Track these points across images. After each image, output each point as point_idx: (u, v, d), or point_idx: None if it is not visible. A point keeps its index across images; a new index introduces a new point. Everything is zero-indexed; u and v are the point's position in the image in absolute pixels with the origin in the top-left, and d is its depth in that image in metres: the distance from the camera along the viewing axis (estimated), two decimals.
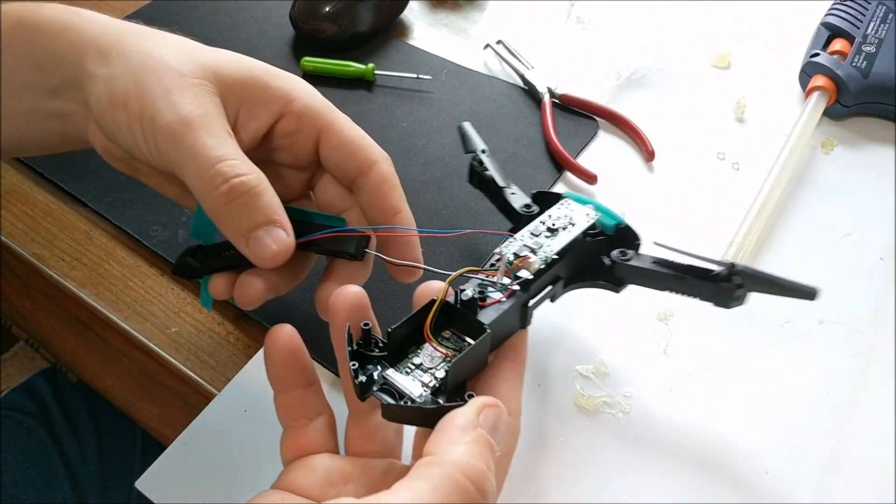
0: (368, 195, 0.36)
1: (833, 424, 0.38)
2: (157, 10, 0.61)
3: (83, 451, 0.55)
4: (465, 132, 0.45)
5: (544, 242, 0.35)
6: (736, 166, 0.50)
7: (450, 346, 0.31)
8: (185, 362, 0.41)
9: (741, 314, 0.42)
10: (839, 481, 0.36)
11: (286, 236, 0.32)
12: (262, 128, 0.35)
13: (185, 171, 0.32)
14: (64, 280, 0.44)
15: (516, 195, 0.40)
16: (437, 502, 0.24)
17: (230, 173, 0.32)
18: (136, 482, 0.36)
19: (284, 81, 0.36)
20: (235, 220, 0.32)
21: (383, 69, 0.56)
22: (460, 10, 0.63)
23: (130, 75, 0.33)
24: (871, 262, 0.44)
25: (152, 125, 0.32)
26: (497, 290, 0.33)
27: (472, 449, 0.26)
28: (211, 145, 0.32)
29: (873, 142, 0.52)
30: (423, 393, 0.29)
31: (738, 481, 0.36)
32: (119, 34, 0.34)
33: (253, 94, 0.35)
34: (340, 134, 0.36)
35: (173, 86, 0.33)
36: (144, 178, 0.37)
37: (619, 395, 0.39)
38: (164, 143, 0.32)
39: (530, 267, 0.34)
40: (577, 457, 0.36)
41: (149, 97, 0.32)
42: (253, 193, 0.32)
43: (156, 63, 0.33)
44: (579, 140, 0.52)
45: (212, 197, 0.32)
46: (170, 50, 0.34)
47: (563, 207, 0.37)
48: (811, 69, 0.53)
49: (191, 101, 0.33)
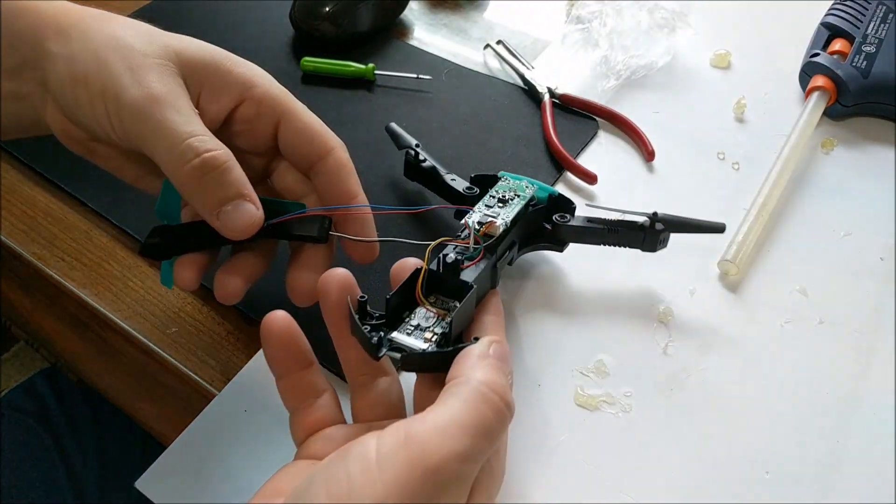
0: (326, 180, 0.37)
1: (833, 424, 0.38)
2: (157, 10, 0.61)
3: (83, 450, 0.55)
4: (395, 131, 0.48)
5: (500, 211, 0.39)
6: (736, 166, 0.50)
7: (439, 307, 0.34)
8: (185, 362, 0.41)
9: (741, 314, 0.42)
10: (839, 481, 0.36)
11: (256, 210, 0.34)
12: (223, 111, 0.36)
13: (154, 146, 0.33)
14: (64, 280, 0.44)
15: (457, 181, 0.44)
16: (470, 414, 0.26)
17: (201, 148, 0.33)
18: (136, 482, 0.36)
19: (246, 68, 0.37)
20: (207, 193, 0.33)
21: (383, 69, 0.56)
22: (460, 10, 0.63)
23: (91, 53, 0.33)
24: (871, 262, 0.44)
25: (116, 102, 0.33)
26: (470, 255, 0.37)
27: (492, 368, 0.28)
28: (179, 121, 0.33)
29: (873, 142, 0.52)
30: (429, 346, 0.32)
31: (738, 481, 0.36)
32: (79, 16, 0.35)
33: (215, 77, 0.36)
34: (299, 121, 0.37)
35: (137, 64, 0.33)
36: (101, 160, 0.38)
37: (619, 395, 0.39)
38: (129, 120, 0.33)
39: (495, 231, 0.38)
40: (577, 457, 0.36)
41: (112, 75, 0.33)
42: (223, 169, 0.33)
43: (117, 43, 0.34)
44: (579, 140, 0.52)
45: (183, 171, 0.32)
46: (131, 31, 0.35)
47: (505, 182, 0.42)
48: (811, 69, 0.53)
49: (156, 80, 0.33)
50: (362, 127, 0.52)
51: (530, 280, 0.44)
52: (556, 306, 0.43)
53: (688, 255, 0.44)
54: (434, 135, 0.52)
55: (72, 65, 0.33)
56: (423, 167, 0.46)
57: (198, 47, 0.36)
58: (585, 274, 0.44)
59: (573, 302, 0.43)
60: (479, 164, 0.50)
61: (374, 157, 0.50)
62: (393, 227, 0.46)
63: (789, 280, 0.44)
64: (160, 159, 0.33)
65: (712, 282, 0.44)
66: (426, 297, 0.35)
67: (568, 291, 0.43)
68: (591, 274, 0.44)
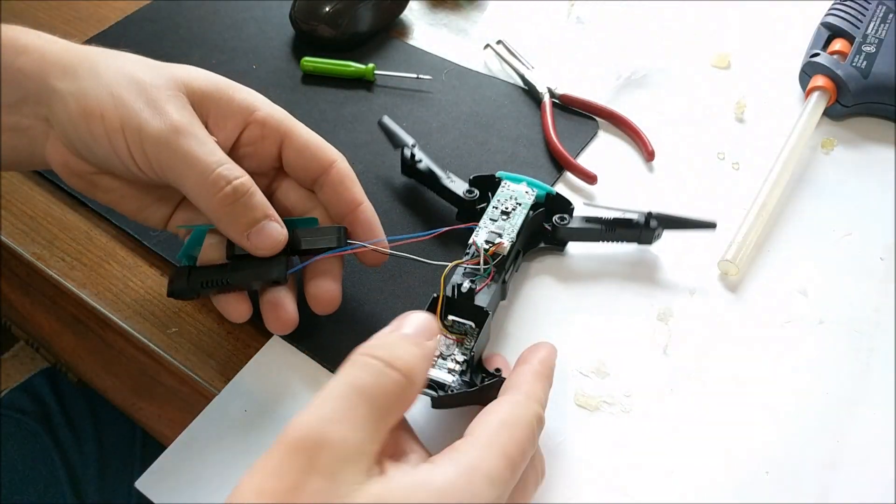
0: (331, 190, 0.39)
1: (833, 424, 0.38)
2: (157, 10, 0.61)
3: (83, 450, 0.55)
4: (389, 128, 0.48)
5: (504, 225, 0.41)
6: (736, 166, 0.50)
7: (457, 332, 0.37)
8: (185, 362, 0.41)
9: (741, 315, 0.42)
10: (839, 481, 0.36)
11: (281, 228, 0.36)
12: (231, 136, 0.38)
13: (184, 176, 0.35)
14: (64, 280, 0.44)
15: (455, 182, 0.45)
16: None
17: (230, 176, 0.35)
18: (136, 482, 0.36)
19: (246, 93, 0.39)
20: (237, 217, 0.35)
21: (383, 69, 0.56)
22: (460, 10, 0.63)
23: (104, 89, 0.35)
24: (871, 262, 0.44)
25: (138, 135, 0.34)
26: (482, 276, 0.38)
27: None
28: (206, 151, 0.35)
29: (873, 142, 0.52)
30: (454, 378, 0.35)
31: (738, 481, 0.36)
32: (84, 53, 0.36)
33: (220, 104, 0.37)
34: (301, 138, 0.39)
35: (153, 97, 0.35)
36: (102, 192, 0.39)
37: (619, 395, 0.39)
38: (154, 151, 0.34)
39: (503, 251, 0.39)
40: (577, 457, 0.36)
41: (130, 108, 0.34)
42: (250, 194, 0.35)
43: (127, 78, 0.35)
44: (579, 140, 0.52)
45: (216, 199, 0.35)
46: (138, 66, 0.37)
47: (506, 189, 0.43)
48: (811, 69, 0.53)
49: (174, 111, 0.35)
50: (362, 127, 0.52)
51: (530, 280, 0.44)
52: (556, 306, 0.43)
53: (688, 256, 0.44)
54: (434, 134, 0.52)
55: (84, 100, 0.34)
56: (419, 168, 0.46)
57: (202, 77, 0.38)
58: (585, 274, 0.44)
59: (573, 302, 0.43)
60: (479, 164, 0.50)
61: (373, 156, 0.50)
62: (398, 230, 0.46)
63: (789, 280, 0.44)
64: (190, 188, 0.35)
65: (712, 282, 0.44)
66: (444, 318, 0.37)
67: (568, 291, 0.43)
68: (590, 274, 0.44)
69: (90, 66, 0.35)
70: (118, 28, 0.60)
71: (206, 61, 0.57)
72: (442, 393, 0.34)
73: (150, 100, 0.35)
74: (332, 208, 0.40)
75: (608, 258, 0.45)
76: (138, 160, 0.35)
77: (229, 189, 0.34)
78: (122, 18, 0.61)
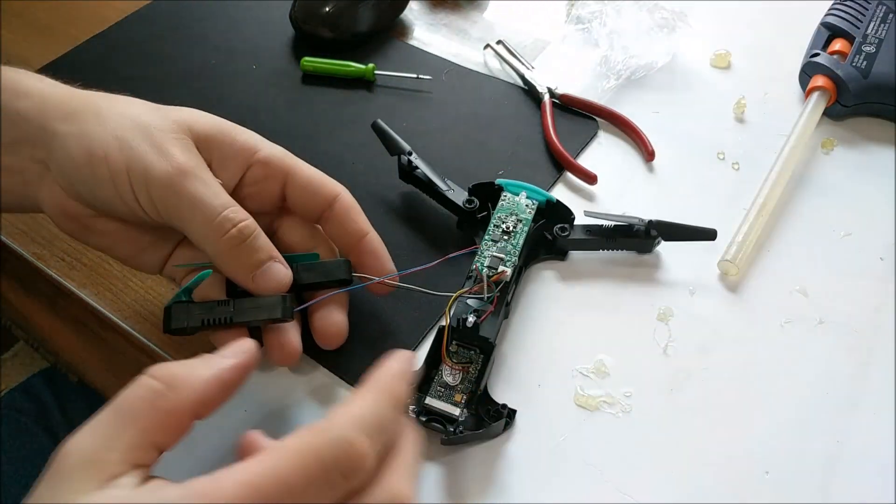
0: (336, 224, 0.39)
1: (833, 424, 0.38)
2: (158, 10, 0.61)
3: None
4: (384, 131, 0.47)
5: (506, 246, 0.41)
6: (736, 166, 0.50)
7: (462, 360, 0.38)
8: None
9: (741, 314, 0.42)
10: (839, 481, 0.36)
11: (285, 269, 0.37)
12: (234, 178, 0.38)
13: (189, 218, 0.35)
14: (64, 280, 0.44)
15: (454, 191, 0.45)
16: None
17: (236, 219, 0.35)
18: None
19: (248, 135, 0.39)
20: (243, 260, 0.36)
21: (383, 69, 0.56)
22: (460, 10, 0.63)
23: (109, 131, 0.35)
24: (871, 262, 0.44)
25: (144, 177, 0.34)
26: (486, 303, 0.38)
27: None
28: (211, 194, 0.35)
29: (873, 142, 0.52)
30: (462, 411, 0.36)
31: (738, 481, 0.36)
32: (87, 97, 0.37)
33: (223, 146, 0.38)
34: (304, 175, 0.39)
35: (158, 140, 0.35)
36: (96, 237, 0.38)
37: (619, 395, 0.39)
38: (160, 194, 0.35)
39: (506, 278, 0.39)
40: (577, 457, 0.36)
41: (135, 151, 0.34)
42: (255, 236, 0.36)
43: (132, 121, 0.36)
44: (579, 140, 0.52)
45: (223, 242, 0.35)
46: (140, 109, 0.37)
47: (506, 201, 0.43)
48: (811, 69, 0.53)
49: (180, 154, 0.35)
50: (362, 127, 0.52)
51: (530, 281, 0.44)
52: (556, 306, 0.43)
53: (688, 256, 0.44)
54: (434, 135, 0.52)
55: (88, 142, 0.35)
56: (416, 176, 0.46)
57: (205, 119, 0.38)
58: (585, 274, 0.44)
59: (573, 302, 0.43)
60: (479, 164, 0.50)
61: (373, 156, 0.50)
62: (398, 232, 0.46)
63: (789, 280, 0.44)
64: (195, 230, 0.35)
65: (712, 282, 0.44)
66: (449, 345, 0.38)
67: (568, 291, 0.43)
68: (590, 274, 0.44)
69: (94, 109, 0.36)
70: (118, 28, 0.60)
71: (206, 61, 0.57)
72: (450, 427, 0.35)
73: (155, 142, 0.35)
74: (338, 241, 0.40)
75: (608, 258, 0.45)
76: (143, 202, 0.35)
77: (235, 231, 0.35)
78: (122, 18, 0.61)
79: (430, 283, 0.40)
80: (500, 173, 0.49)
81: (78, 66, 0.57)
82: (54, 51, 0.58)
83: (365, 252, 0.39)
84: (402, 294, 0.41)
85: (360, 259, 0.39)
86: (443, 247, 0.45)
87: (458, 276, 0.41)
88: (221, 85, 0.56)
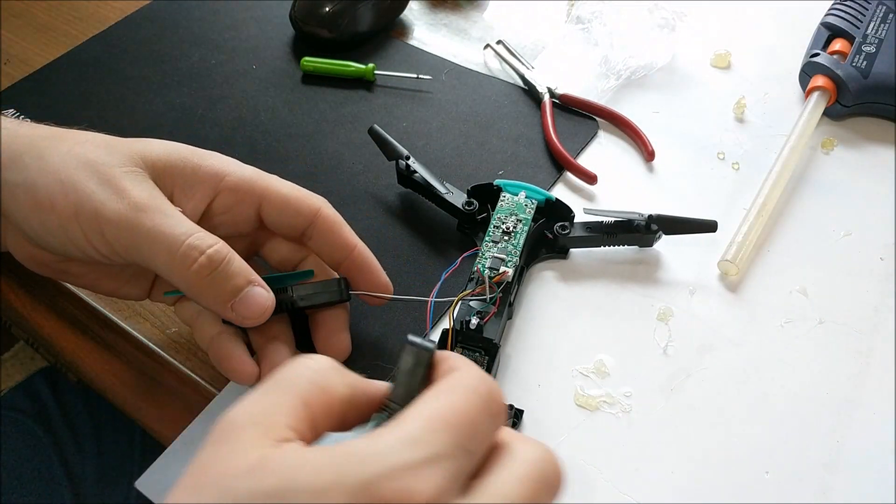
0: (321, 240, 0.37)
1: (833, 424, 0.38)
2: (157, 10, 0.61)
3: (82, 451, 0.55)
4: (381, 136, 0.47)
5: (507, 246, 0.41)
6: (736, 166, 0.50)
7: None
8: (185, 362, 0.41)
9: (741, 314, 0.42)
10: (839, 481, 0.36)
11: (266, 292, 0.34)
12: (200, 206, 0.36)
13: (152, 254, 0.32)
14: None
15: (453, 194, 0.45)
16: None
17: (202, 245, 0.32)
18: (135, 482, 0.36)
19: (215, 160, 0.37)
20: (217, 288, 0.33)
21: (383, 69, 0.56)
22: (460, 10, 0.63)
23: (52, 176, 0.33)
24: (871, 262, 0.44)
25: (95, 219, 0.32)
26: (488, 304, 0.38)
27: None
28: (172, 224, 0.32)
29: (873, 142, 0.52)
30: None
31: (738, 481, 0.36)
32: (29, 140, 0.34)
33: (185, 174, 0.35)
34: (279, 196, 0.37)
35: (107, 177, 0.33)
36: (74, 278, 0.37)
37: (619, 395, 0.39)
38: (115, 234, 0.32)
39: (507, 279, 0.39)
40: (577, 457, 0.36)
41: (81, 193, 0.32)
42: (227, 261, 0.33)
43: (77, 160, 0.33)
44: (579, 140, 0.52)
45: (190, 272, 0.32)
46: (89, 146, 0.34)
47: (505, 202, 0.43)
48: (811, 69, 0.53)
49: (133, 188, 0.33)
50: (362, 127, 0.52)
51: (530, 280, 0.44)
52: (556, 306, 0.43)
53: (688, 256, 0.44)
54: (434, 135, 0.52)
55: (33, 193, 0.33)
56: (415, 180, 0.46)
57: (162, 148, 0.36)
58: (585, 274, 0.44)
59: (573, 302, 0.43)
60: (479, 164, 0.50)
61: (372, 157, 0.50)
62: (398, 233, 0.46)
63: (789, 280, 0.44)
64: (161, 265, 0.33)
65: (712, 282, 0.44)
66: (453, 348, 0.37)
67: (568, 292, 0.43)
68: (590, 274, 0.44)
69: (36, 153, 0.33)
70: (118, 28, 0.60)
71: (206, 61, 0.57)
72: None
73: (103, 180, 0.33)
74: (325, 256, 0.38)
75: (608, 258, 0.45)
76: (98, 246, 0.33)
77: (203, 259, 0.32)
78: (122, 18, 0.61)
79: (431, 287, 0.40)
80: (500, 173, 0.49)
81: (78, 66, 0.57)
82: (54, 51, 0.58)
83: (356, 267, 0.38)
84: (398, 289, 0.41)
85: (351, 275, 0.38)
86: (443, 249, 0.45)
87: (459, 279, 0.41)
88: (221, 85, 0.56)
